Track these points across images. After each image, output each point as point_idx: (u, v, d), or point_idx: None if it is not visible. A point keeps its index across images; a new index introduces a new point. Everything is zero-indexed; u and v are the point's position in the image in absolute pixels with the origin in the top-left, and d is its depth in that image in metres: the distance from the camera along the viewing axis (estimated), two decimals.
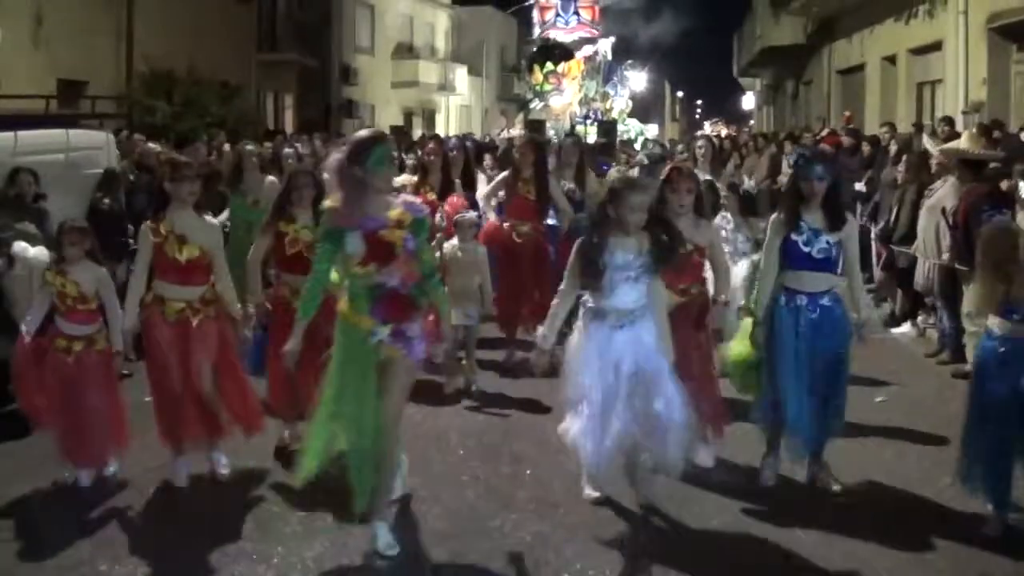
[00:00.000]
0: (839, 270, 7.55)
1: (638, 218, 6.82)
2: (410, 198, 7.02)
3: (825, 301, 7.41)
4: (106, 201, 11.97)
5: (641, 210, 6.80)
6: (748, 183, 14.69)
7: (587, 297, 7.09)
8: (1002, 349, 6.74)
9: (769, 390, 7.54)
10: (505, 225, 11.82)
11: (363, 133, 6.72)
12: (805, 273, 7.41)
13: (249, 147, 13.52)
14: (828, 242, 7.36)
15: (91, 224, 8.20)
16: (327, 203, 6.53)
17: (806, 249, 7.35)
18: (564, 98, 43.60)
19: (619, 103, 45.97)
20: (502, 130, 39.20)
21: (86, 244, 7.75)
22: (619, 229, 6.87)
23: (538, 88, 44.38)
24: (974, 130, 12.82)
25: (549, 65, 43.99)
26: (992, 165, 11.66)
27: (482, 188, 12.92)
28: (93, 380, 7.72)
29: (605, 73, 45.89)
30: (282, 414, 8.42)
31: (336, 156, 6.51)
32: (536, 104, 44.06)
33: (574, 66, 44.21)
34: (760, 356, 7.61)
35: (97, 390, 7.72)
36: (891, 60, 26.30)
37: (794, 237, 7.38)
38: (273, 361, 7.91)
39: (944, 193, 11.71)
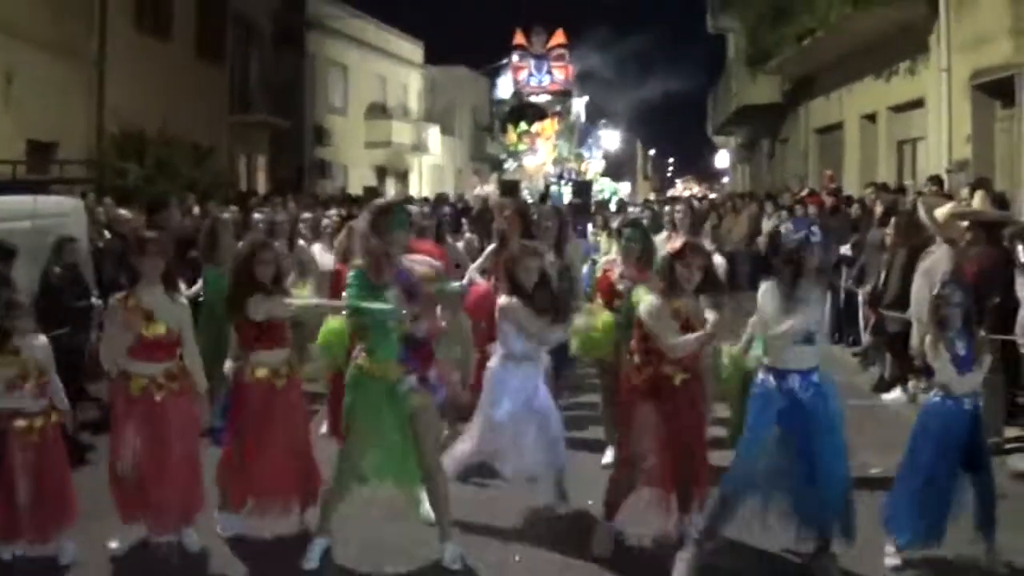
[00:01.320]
0: None
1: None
2: (420, 257, 7.81)
3: (815, 378, 7.10)
4: (56, 269, 11.58)
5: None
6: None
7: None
8: None
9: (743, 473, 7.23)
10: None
11: (380, 202, 7.82)
12: (796, 348, 7.11)
13: (224, 215, 13.20)
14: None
15: (44, 293, 8.02)
16: (356, 263, 7.31)
17: None
18: (538, 158, 43.57)
19: (594, 165, 45.99)
20: (476, 189, 39.13)
21: (23, 318, 7.56)
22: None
23: (512, 148, 44.34)
24: (982, 192, 12.48)
25: (523, 125, 43.99)
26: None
27: (459, 251, 12.88)
28: (46, 456, 7.46)
29: (580, 134, 45.97)
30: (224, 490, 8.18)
31: (360, 225, 7.51)
32: (510, 164, 43.98)
33: (548, 126, 44.26)
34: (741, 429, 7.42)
35: (51, 468, 7.48)
36: (871, 118, 26.18)
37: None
38: (231, 441, 8.04)
39: (939, 256, 11.44)
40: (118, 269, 12.33)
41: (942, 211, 11.99)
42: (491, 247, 11.95)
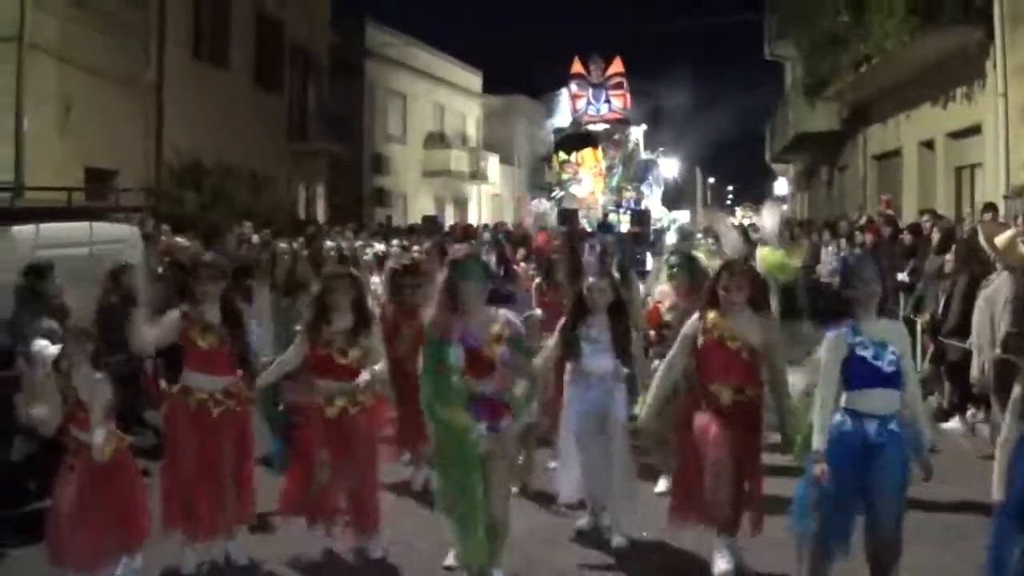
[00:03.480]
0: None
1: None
2: (511, 314, 7.57)
3: (894, 426, 6.71)
4: (112, 298, 11.62)
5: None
6: None
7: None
8: None
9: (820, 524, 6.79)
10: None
11: (457, 250, 8.33)
12: (876, 391, 6.75)
13: (281, 245, 13.22)
14: (895, 353, 6.74)
15: (100, 322, 8.06)
16: (430, 315, 7.30)
17: (876, 363, 6.71)
18: (584, 187, 43.44)
19: (653, 202, 45.73)
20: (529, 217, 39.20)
21: (87, 348, 7.56)
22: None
23: (556, 177, 44.28)
24: None
25: (563, 155, 43.98)
26: None
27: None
28: (110, 482, 7.44)
29: (640, 170, 45.74)
30: (292, 512, 8.38)
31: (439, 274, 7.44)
32: (556, 193, 43.91)
33: (588, 155, 44.10)
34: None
35: (115, 492, 7.45)
36: (928, 145, 25.91)
37: (860, 352, 6.73)
38: (297, 462, 8.32)
39: (1000, 283, 11.32)
40: (175, 297, 12.39)
41: (1002, 238, 11.86)
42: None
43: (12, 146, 20.57)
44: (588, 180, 43.50)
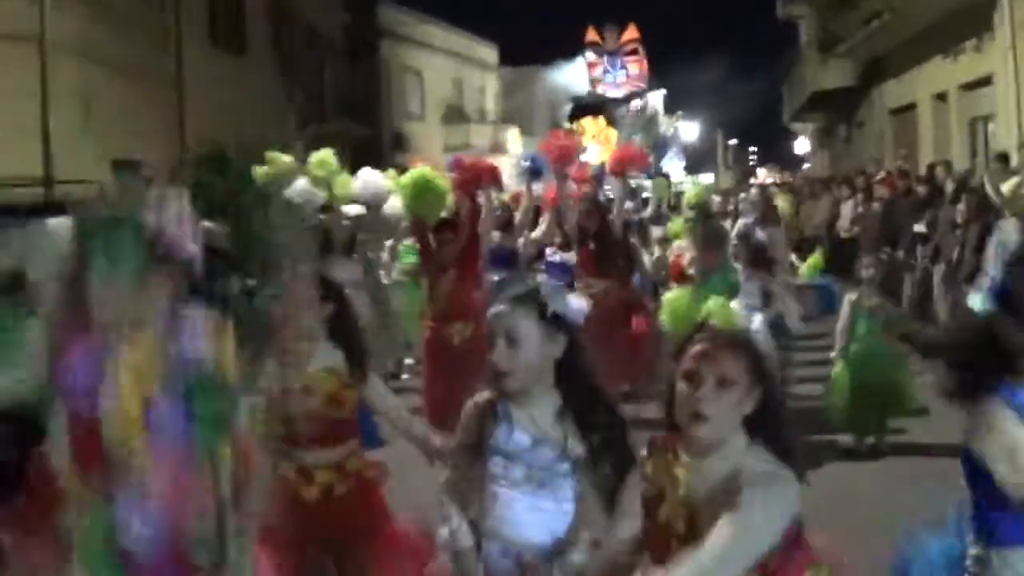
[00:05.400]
0: None
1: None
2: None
3: None
4: None
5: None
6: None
7: None
8: None
9: None
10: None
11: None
12: None
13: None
14: None
15: None
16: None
17: None
18: (590, 155, 43.65)
19: (675, 170, 45.86)
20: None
21: None
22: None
23: None
24: None
25: (567, 125, 44.14)
26: None
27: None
28: None
29: (660, 144, 45.80)
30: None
31: None
32: None
33: (588, 123, 44.19)
34: None
35: None
36: (942, 97, 26.05)
37: None
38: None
39: (1008, 229, 11.67)
40: (211, 281, 12.75)
41: (1007, 186, 12.19)
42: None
43: (40, 142, 21.02)
44: (593, 148, 43.83)
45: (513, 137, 53.65)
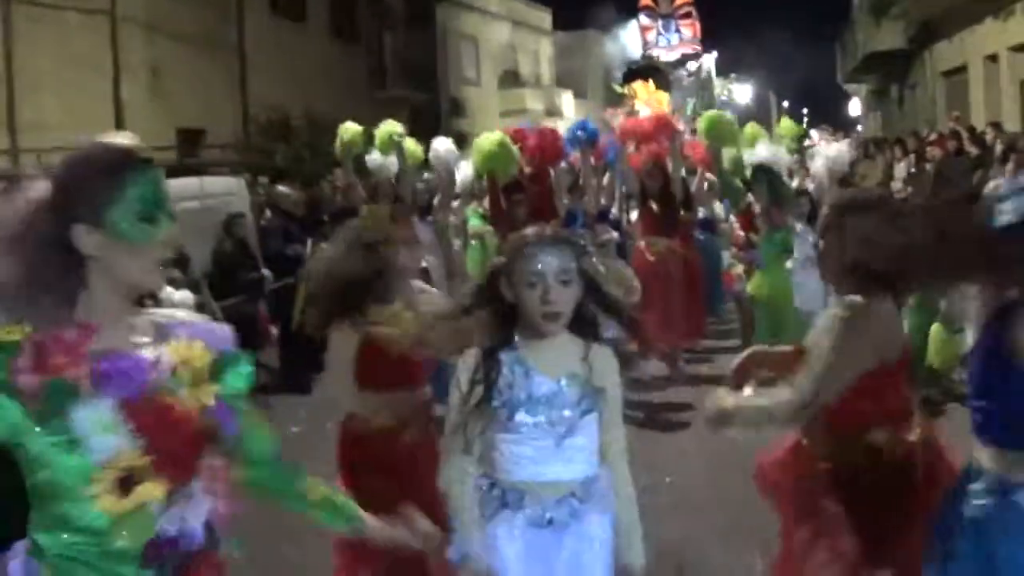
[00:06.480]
0: None
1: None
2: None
3: None
4: (227, 244, 12.64)
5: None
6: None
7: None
8: None
9: None
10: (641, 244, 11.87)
11: None
12: None
13: None
14: None
15: (216, 267, 8.62)
16: None
17: None
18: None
19: None
20: None
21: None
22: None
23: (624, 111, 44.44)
24: None
25: (618, 88, 44.24)
26: None
27: None
28: None
29: (713, 102, 45.83)
30: None
31: None
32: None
33: (639, 87, 44.32)
34: None
35: None
36: (993, 59, 26.21)
37: None
38: None
39: None
40: (282, 243, 13.41)
41: None
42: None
43: (112, 112, 21.86)
44: (647, 112, 43.89)
45: (567, 101, 53.92)
